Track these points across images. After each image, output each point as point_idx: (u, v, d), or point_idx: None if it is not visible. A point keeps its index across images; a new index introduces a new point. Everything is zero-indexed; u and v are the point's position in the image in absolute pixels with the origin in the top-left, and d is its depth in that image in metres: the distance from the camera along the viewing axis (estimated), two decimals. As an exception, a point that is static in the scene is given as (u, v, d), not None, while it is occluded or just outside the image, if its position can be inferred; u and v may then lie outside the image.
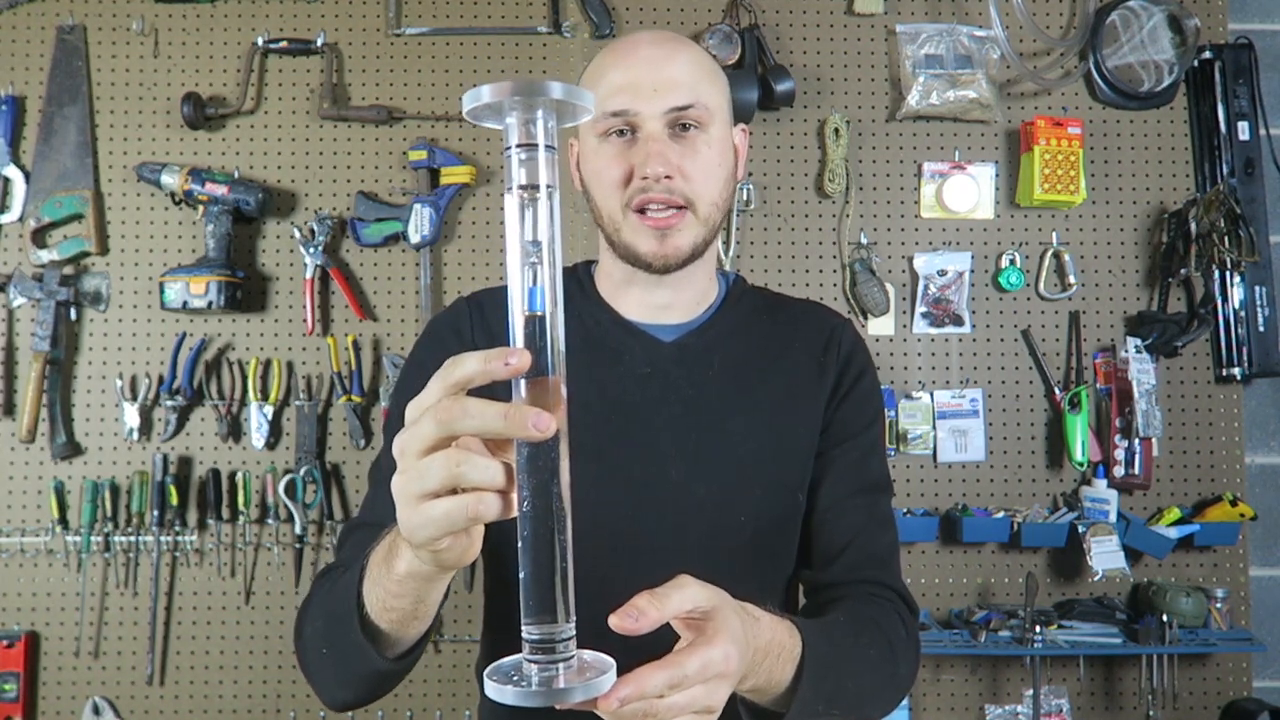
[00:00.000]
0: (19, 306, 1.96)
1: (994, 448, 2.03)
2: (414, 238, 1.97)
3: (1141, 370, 1.97)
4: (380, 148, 2.02)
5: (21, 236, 1.97)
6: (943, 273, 2.04)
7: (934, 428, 2.02)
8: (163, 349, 1.98)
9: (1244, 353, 2.01)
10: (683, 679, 0.62)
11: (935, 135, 2.07)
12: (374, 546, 0.76)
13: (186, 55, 2.02)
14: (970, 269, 2.04)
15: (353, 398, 1.95)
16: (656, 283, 1.01)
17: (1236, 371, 2.02)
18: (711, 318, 1.06)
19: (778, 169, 2.06)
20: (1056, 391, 2.03)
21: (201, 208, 1.93)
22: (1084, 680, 2.00)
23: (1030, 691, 1.91)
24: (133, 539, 1.94)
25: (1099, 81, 2.06)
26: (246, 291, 1.97)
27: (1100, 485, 1.97)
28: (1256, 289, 2.03)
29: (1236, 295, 2.02)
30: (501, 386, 0.57)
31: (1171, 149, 2.09)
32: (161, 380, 1.96)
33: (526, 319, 0.57)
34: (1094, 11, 2.04)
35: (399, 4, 2.03)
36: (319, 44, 1.99)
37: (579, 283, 1.08)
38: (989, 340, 2.05)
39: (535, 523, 0.57)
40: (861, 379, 1.07)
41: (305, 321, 1.96)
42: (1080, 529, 1.93)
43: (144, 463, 1.96)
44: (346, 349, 1.97)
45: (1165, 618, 1.88)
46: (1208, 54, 2.06)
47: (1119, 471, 2.00)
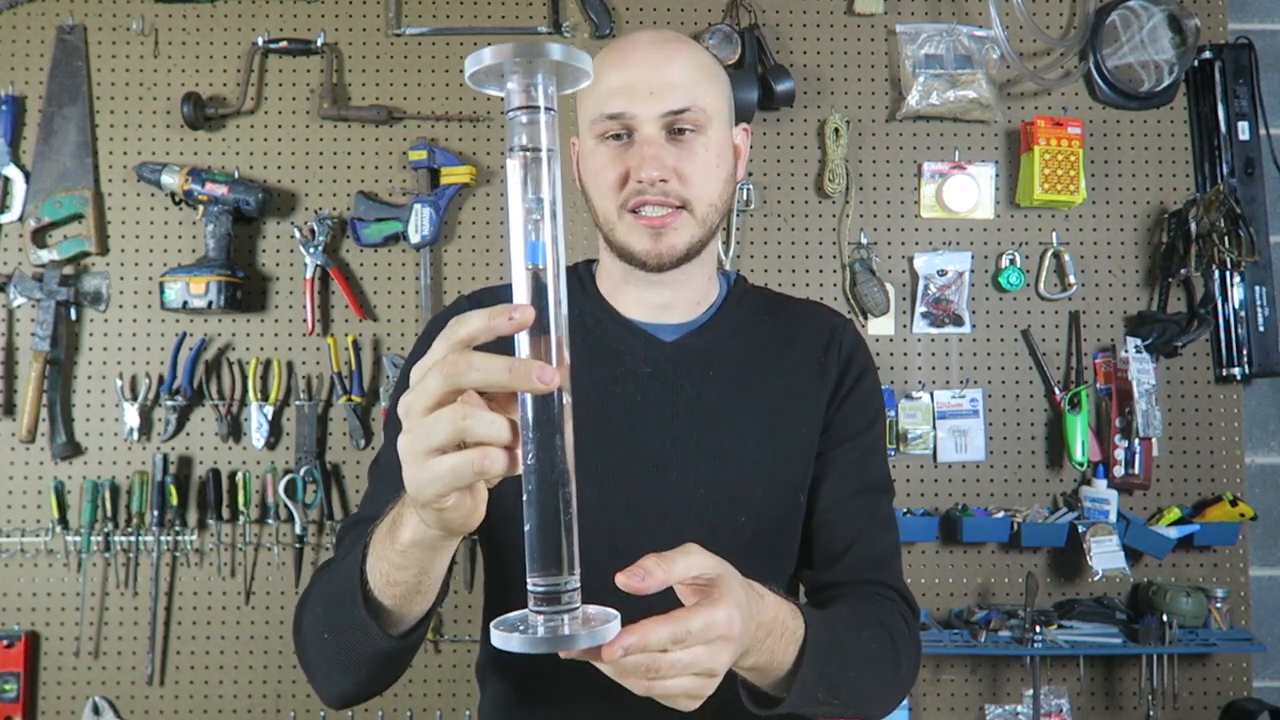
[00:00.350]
0: (19, 306, 1.96)
1: (994, 448, 2.03)
2: (414, 238, 1.97)
3: (1141, 370, 1.97)
4: (380, 148, 2.02)
5: (21, 236, 1.97)
6: (943, 273, 2.04)
7: (934, 428, 2.02)
8: (163, 349, 1.98)
9: (1244, 353, 2.01)
10: (686, 634, 0.63)
11: (935, 135, 2.07)
12: (375, 525, 0.77)
13: (186, 55, 2.02)
14: (970, 269, 2.04)
15: (353, 398, 1.95)
16: (655, 282, 1.01)
17: (1236, 371, 2.02)
18: (712, 317, 1.06)
19: (778, 169, 2.06)
20: (1056, 391, 2.03)
21: (201, 208, 1.93)
22: (1084, 680, 2.00)
23: (1030, 691, 1.91)
24: (133, 539, 1.94)
25: (1099, 81, 2.06)
26: (246, 291, 1.97)
27: (1100, 485, 1.97)
28: (1256, 289, 2.03)
29: (1236, 295, 2.02)
30: (505, 350, 0.57)
31: (1171, 149, 2.09)
32: (161, 380, 1.96)
33: (530, 273, 0.58)
34: (1094, 11, 2.04)
35: (399, 4, 2.04)
36: (319, 44, 1.99)
37: (580, 281, 1.08)
38: (989, 340, 2.05)
39: (540, 477, 0.58)
40: (862, 379, 1.07)
41: (305, 321, 1.96)
42: (1080, 529, 1.93)
43: (144, 463, 1.96)
44: (346, 349, 1.97)
45: (1165, 618, 1.88)
46: (1208, 54, 2.06)
47: (1119, 471, 2.00)
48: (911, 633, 0.97)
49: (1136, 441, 1.99)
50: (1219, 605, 1.95)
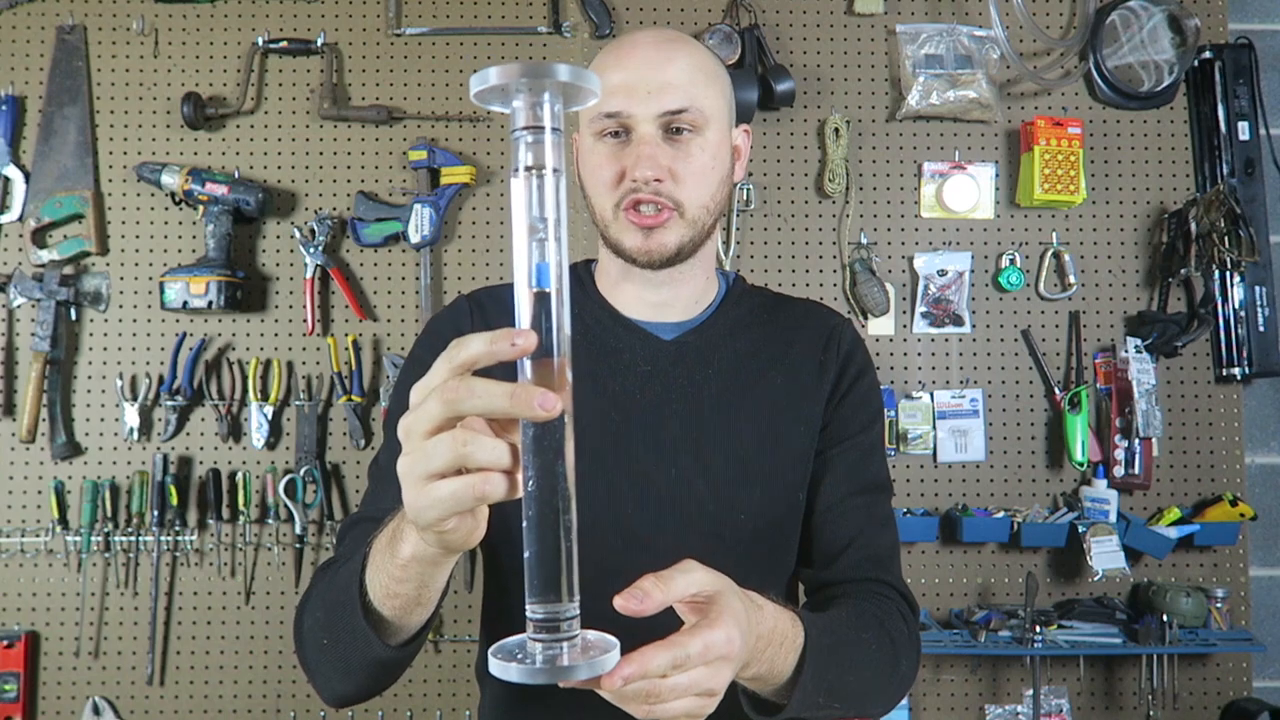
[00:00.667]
0: (19, 306, 1.96)
1: (994, 448, 2.03)
2: (414, 238, 1.97)
3: (1141, 370, 1.97)
4: (380, 148, 2.02)
5: (21, 236, 1.97)
6: (943, 273, 2.04)
7: (934, 428, 2.02)
8: (163, 349, 1.98)
9: (1244, 353, 2.01)
10: (685, 659, 0.63)
11: (935, 135, 2.07)
12: (375, 535, 0.76)
13: (186, 55, 2.02)
14: (970, 269, 2.04)
15: (353, 398, 1.95)
16: (653, 280, 1.02)
17: (1236, 371, 2.02)
18: (711, 316, 1.07)
19: (778, 169, 2.06)
20: (1056, 391, 2.03)
21: (201, 208, 1.93)
22: (1084, 680, 2.00)
23: (1030, 691, 1.91)
24: (133, 539, 1.94)
25: (1099, 81, 2.06)
26: (246, 291, 1.97)
27: (1100, 485, 1.97)
28: (1256, 289, 2.03)
29: (1236, 295, 2.02)
30: (506, 368, 0.57)
31: (1171, 149, 2.09)
32: (161, 380, 1.96)
33: (534, 296, 0.57)
34: (1094, 11, 2.04)
35: (399, 4, 2.04)
36: (319, 44, 1.99)
37: (579, 280, 1.08)
38: (989, 340, 2.05)
39: (540, 503, 0.58)
40: (861, 378, 1.07)
41: (305, 321, 1.96)
42: (1080, 529, 1.93)
43: (144, 463, 1.96)
44: (346, 349, 1.97)
45: (1165, 618, 1.88)
46: (1208, 54, 2.06)
47: (1119, 471, 2.00)
48: (911, 631, 0.97)
49: (1136, 441, 1.99)
50: (1219, 605, 1.95)
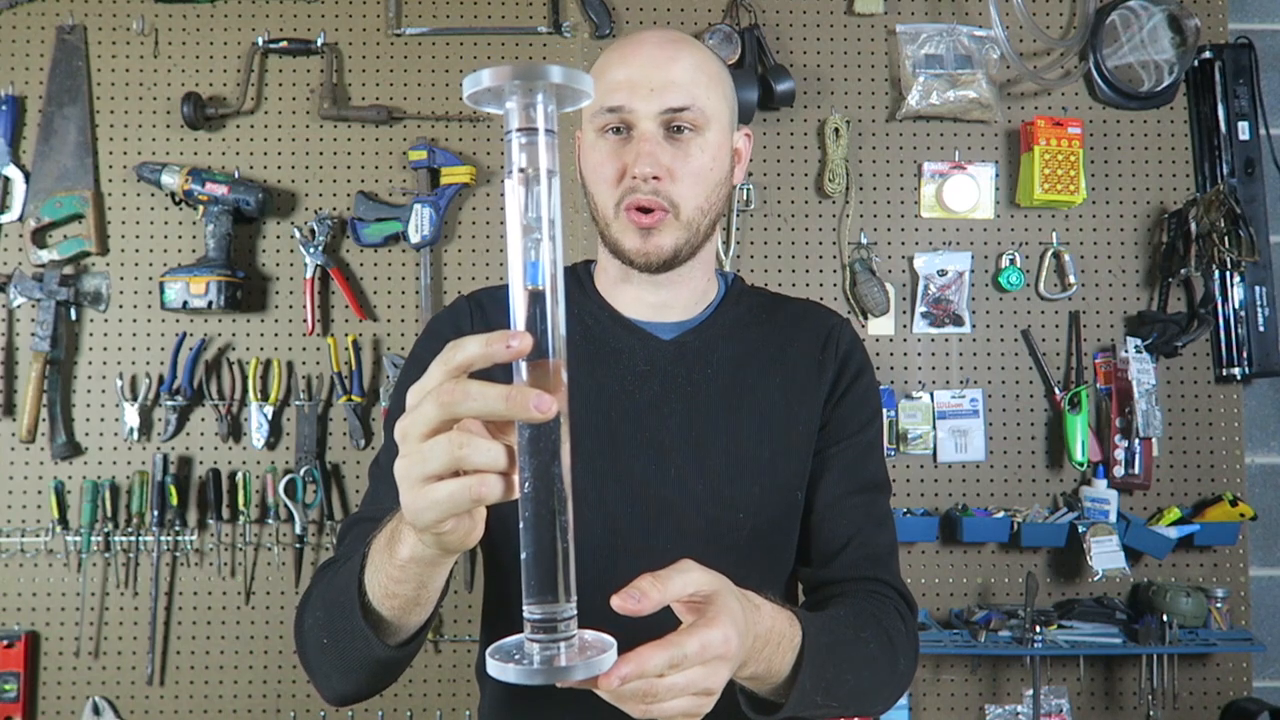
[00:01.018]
0: (19, 306, 1.96)
1: (994, 448, 2.03)
2: (414, 238, 1.97)
3: (1141, 370, 1.97)
4: (380, 148, 2.02)
5: (21, 236, 1.97)
6: (943, 273, 2.04)
7: (934, 428, 2.02)
8: (163, 349, 1.98)
9: (1244, 353, 2.01)
10: (682, 659, 0.63)
11: (935, 135, 2.07)
12: (374, 535, 0.76)
13: (186, 55, 2.02)
14: (970, 269, 2.04)
15: (353, 398, 1.95)
16: (652, 281, 1.02)
17: (1236, 371, 2.02)
18: (710, 316, 1.07)
19: (778, 169, 2.06)
20: (1056, 391, 2.03)
21: (201, 208, 1.93)
22: (1084, 680, 2.00)
23: (1030, 691, 1.91)
24: (133, 539, 1.94)
25: (1099, 81, 2.06)
26: (246, 291, 1.97)
27: (1100, 485, 1.97)
28: (1256, 289, 2.03)
29: (1236, 295, 2.02)
30: (502, 369, 0.57)
31: (1171, 149, 2.09)
32: (161, 380, 1.96)
33: (528, 295, 0.57)
34: (1094, 11, 2.04)
35: (399, 4, 2.04)
36: (319, 44, 1.99)
37: (579, 281, 1.08)
38: (989, 340, 2.05)
39: (537, 504, 0.58)
40: (860, 378, 1.07)
41: (305, 321, 1.96)
42: (1080, 529, 1.93)
43: (144, 463, 1.96)
44: (346, 349, 1.97)
45: (1165, 618, 1.88)
46: (1208, 54, 2.06)
47: (1119, 471, 2.00)
48: (909, 630, 0.97)
49: (1136, 441, 1.99)
50: (1219, 605, 1.95)
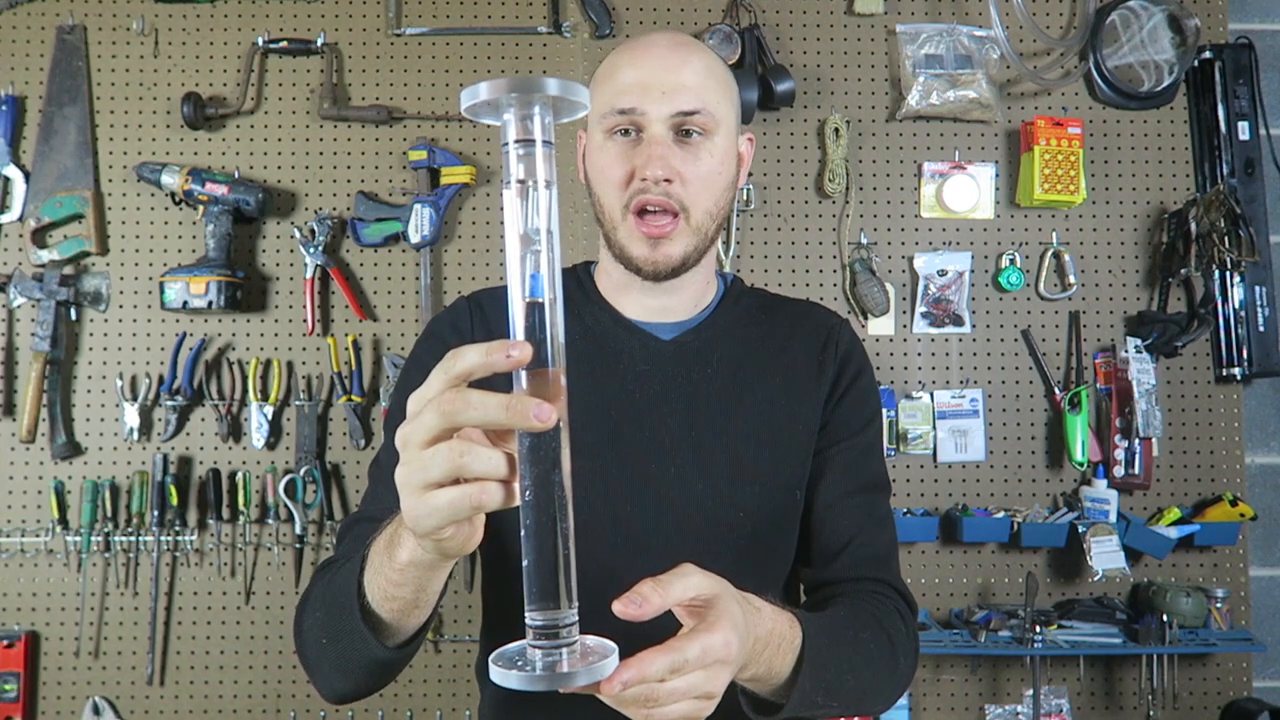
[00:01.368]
0: (19, 306, 1.96)
1: (994, 448, 2.03)
2: (414, 238, 1.97)
3: (1141, 370, 1.97)
4: (380, 148, 2.02)
5: (21, 236, 1.97)
6: (943, 273, 2.04)
7: (934, 428, 2.02)
8: (163, 349, 1.98)
9: (1244, 353, 2.01)
10: (683, 664, 0.63)
11: (935, 135, 2.07)
12: (374, 537, 0.77)
13: (186, 55, 2.02)
14: (970, 269, 2.04)
15: (353, 398, 1.95)
16: (655, 287, 1.02)
17: (1236, 371, 2.02)
18: (710, 316, 1.07)
19: (778, 169, 2.06)
20: (1056, 391, 2.03)
21: (201, 208, 1.93)
22: (1084, 680, 2.00)
23: (1030, 691, 1.91)
24: (133, 539, 1.94)
25: (1099, 81, 2.06)
26: (246, 291, 1.97)
27: (1100, 485, 1.97)
28: (1256, 289, 2.03)
29: (1236, 295, 2.02)
30: (502, 377, 0.57)
31: (1171, 149, 2.09)
32: (161, 380, 1.96)
33: (527, 306, 0.58)
34: (1094, 11, 2.04)
35: (399, 4, 2.04)
36: (319, 44, 1.99)
37: (579, 282, 1.09)
38: (989, 340, 2.05)
39: (537, 511, 0.58)
40: (859, 378, 1.08)
41: (305, 321, 1.96)
42: (1080, 529, 1.93)
43: (144, 463, 1.96)
44: (346, 349, 1.97)
45: (1165, 618, 1.88)
46: (1208, 54, 2.06)
47: (1119, 471, 2.00)
48: (909, 630, 0.97)
49: (1136, 441, 1.98)
50: (1219, 605, 1.95)
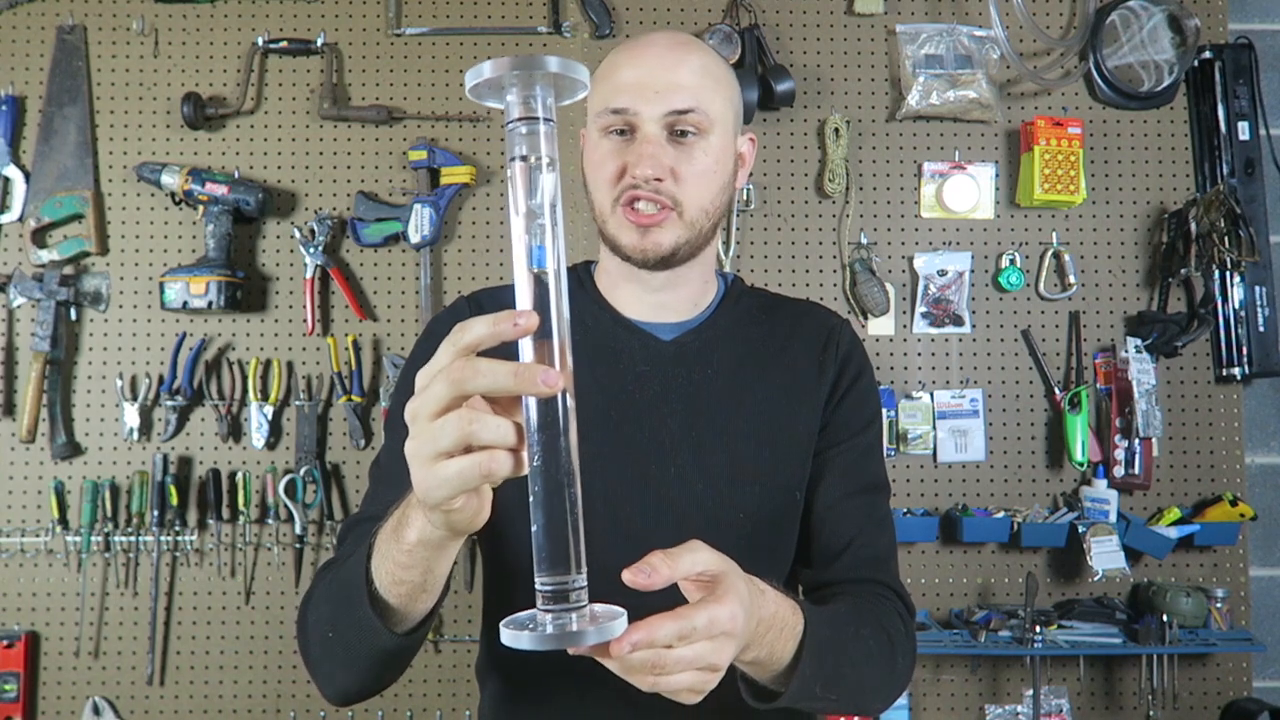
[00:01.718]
0: (19, 306, 1.96)
1: (994, 448, 2.03)
2: (414, 238, 1.97)
3: (1141, 370, 1.97)
4: (380, 148, 2.02)
5: (21, 236, 1.97)
6: (943, 273, 2.04)
7: (934, 428, 2.02)
8: (163, 349, 1.98)
9: (1244, 353, 2.01)
10: (691, 631, 0.65)
11: (935, 135, 2.07)
12: (380, 525, 0.77)
13: (186, 55, 2.02)
14: (970, 269, 2.04)
15: (353, 398, 1.95)
16: (651, 281, 1.02)
17: (1236, 371, 2.02)
18: (710, 316, 1.07)
19: (778, 169, 2.06)
20: (1056, 391, 2.03)
21: (201, 208, 1.93)
22: (1084, 680, 2.00)
23: (1030, 691, 1.91)
24: (133, 539, 1.94)
25: (1099, 81, 2.06)
26: (246, 291, 1.97)
27: (1100, 485, 1.97)
28: (1256, 289, 2.03)
29: (1236, 295, 2.02)
30: (508, 355, 0.58)
31: (1171, 149, 2.09)
32: (161, 380, 1.96)
33: (533, 277, 0.59)
34: (1094, 11, 2.04)
35: (399, 4, 2.04)
36: (319, 44, 1.99)
37: (579, 281, 1.09)
38: (989, 340, 2.05)
39: (546, 478, 0.60)
40: (860, 379, 1.08)
41: (305, 321, 1.96)
42: (1080, 529, 1.93)
43: (144, 463, 1.96)
44: (346, 349, 1.97)
45: (1165, 618, 1.88)
46: (1208, 54, 2.06)
47: (1119, 471, 2.00)
48: (908, 631, 0.98)
49: (1136, 441, 1.99)
50: (1219, 605, 1.95)
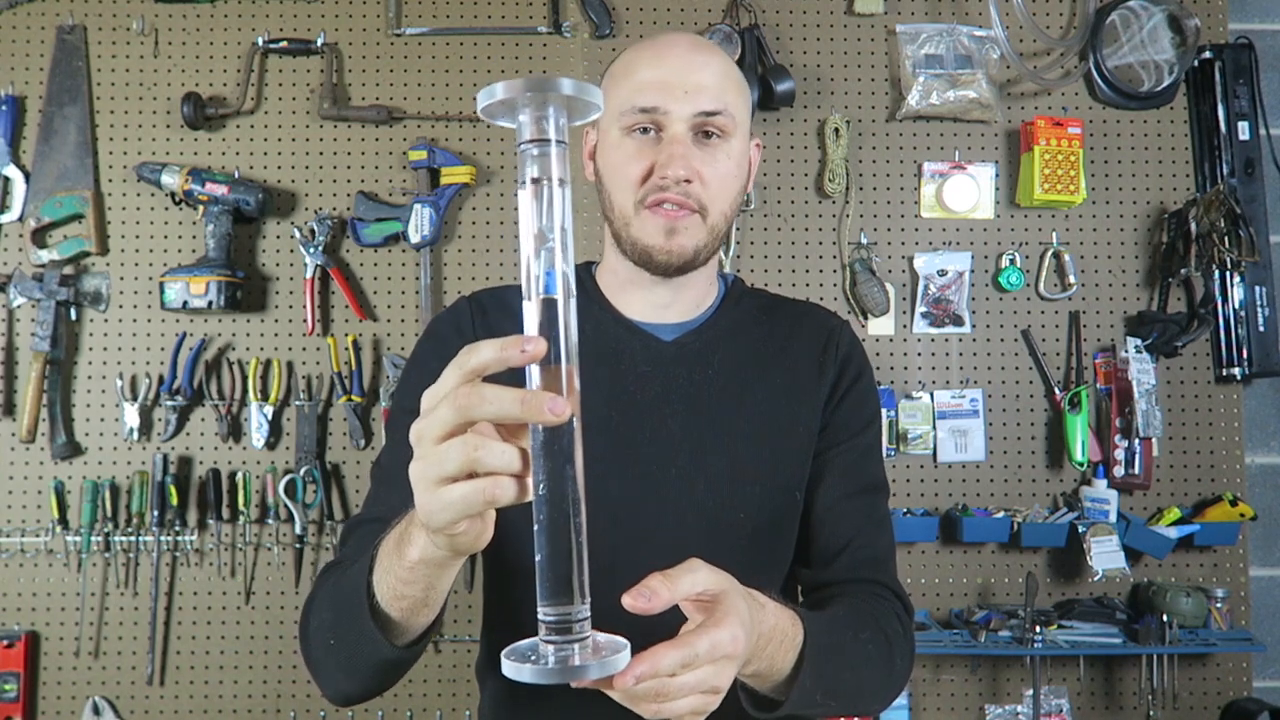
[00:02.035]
0: (19, 306, 1.96)
1: (994, 448, 2.03)
2: (414, 238, 1.97)
3: (1141, 370, 1.97)
4: (380, 148, 2.02)
5: (21, 236, 1.97)
6: (943, 273, 2.04)
7: (934, 428, 2.02)
8: (163, 349, 1.98)
9: (1244, 353, 2.01)
10: (693, 658, 0.64)
11: (935, 135, 2.07)
12: (382, 537, 0.77)
13: (186, 55, 2.02)
14: (970, 269, 2.04)
15: (353, 398, 1.95)
16: (658, 282, 1.02)
17: (1236, 371, 2.02)
18: (711, 317, 1.07)
19: (778, 169, 2.06)
20: (1056, 391, 2.03)
21: (201, 208, 1.93)
22: (1084, 680, 2.00)
23: (1030, 691, 1.91)
24: (133, 539, 1.94)
25: (1099, 81, 2.06)
26: (246, 291, 1.97)
27: (1100, 485, 1.97)
28: (1256, 289, 2.03)
29: (1236, 295, 2.02)
30: (514, 375, 0.58)
31: (1171, 149, 2.09)
32: (161, 380, 1.96)
33: (541, 303, 0.58)
34: (1094, 11, 2.04)
35: (399, 4, 2.04)
36: (319, 44, 1.99)
37: (579, 282, 1.08)
38: (989, 340, 2.05)
39: (551, 507, 0.59)
40: (860, 380, 1.08)
41: (305, 321, 1.96)
42: (1080, 529, 1.93)
43: (144, 463, 1.96)
44: (346, 349, 1.97)
45: (1165, 618, 1.88)
46: (1208, 54, 2.06)
47: (1119, 471, 2.00)
48: (906, 631, 0.98)
49: (1136, 441, 1.98)
50: (1219, 605, 1.95)
